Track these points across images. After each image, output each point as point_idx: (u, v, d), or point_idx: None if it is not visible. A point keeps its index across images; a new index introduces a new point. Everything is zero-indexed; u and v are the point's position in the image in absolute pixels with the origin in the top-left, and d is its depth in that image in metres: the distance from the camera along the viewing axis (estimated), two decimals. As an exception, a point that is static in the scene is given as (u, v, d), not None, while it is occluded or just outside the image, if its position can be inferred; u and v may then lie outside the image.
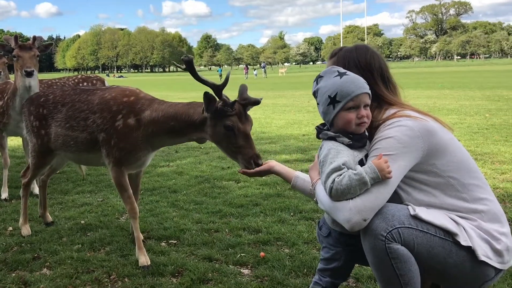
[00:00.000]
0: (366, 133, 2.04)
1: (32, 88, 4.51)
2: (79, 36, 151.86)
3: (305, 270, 2.90)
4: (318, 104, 2.08)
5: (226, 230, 3.69)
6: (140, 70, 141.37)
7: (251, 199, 4.49)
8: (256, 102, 2.72)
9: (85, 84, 6.49)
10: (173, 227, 3.77)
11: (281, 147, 7.45)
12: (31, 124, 3.52)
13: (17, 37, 4.43)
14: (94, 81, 6.56)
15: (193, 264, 3.04)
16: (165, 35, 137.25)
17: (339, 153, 1.95)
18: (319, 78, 2.07)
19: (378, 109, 2.11)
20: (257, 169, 2.55)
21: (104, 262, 3.15)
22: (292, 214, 4.04)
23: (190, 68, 2.75)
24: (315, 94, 2.09)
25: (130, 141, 3.04)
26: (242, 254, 3.20)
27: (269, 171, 2.55)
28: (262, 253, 3.17)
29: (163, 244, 3.47)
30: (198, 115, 2.81)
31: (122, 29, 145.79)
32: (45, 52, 4.66)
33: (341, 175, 1.88)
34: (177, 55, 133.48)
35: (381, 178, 1.85)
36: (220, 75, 58.89)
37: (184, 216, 4.07)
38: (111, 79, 59.71)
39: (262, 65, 71.79)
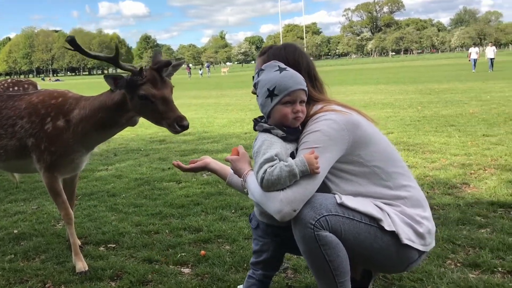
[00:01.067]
0: (300, 127, 2.11)
1: None
2: (9, 38, 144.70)
3: (245, 265, 2.93)
4: (257, 96, 2.14)
5: (167, 231, 3.67)
6: (77, 73, 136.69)
7: (192, 199, 4.48)
8: (168, 63, 2.70)
9: (15, 88, 6.19)
10: (111, 231, 3.70)
11: (223, 146, 7.47)
12: None
13: None
14: (26, 85, 6.27)
15: (132, 267, 3.01)
16: (102, 37, 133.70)
17: (272, 145, 2.01)
18: (260, 71, 2.12)
19: (306, 105, 2.18)
20: (192, 165, 2.55)
21: (39, 270, 3.05)
22: (233, 211, 4.08)
23: (75, 46, 2.71)
24: (255, 86, 2.15)
25: (61, 144, 2.95)
26: (183, 254, 3.19)
27: (205, 168, 2.57)
28: (202, 251, 3.18)
29: (101, 248, 3.40)
30: (118, 95, 2.78)
31: (56, 31, 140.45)
32: None
33: (273, 165, 1.94)
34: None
35: (309, 172, 1.92)
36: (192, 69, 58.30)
37: (123, 219, 4.00)
38: (47, 83, 57.37)
39: (206, 64, 71.65)
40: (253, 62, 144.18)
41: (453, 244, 3.06)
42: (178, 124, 2.63)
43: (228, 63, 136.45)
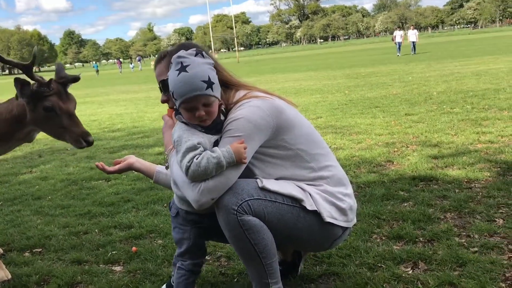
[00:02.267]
0: (222, 118, 2.06)
1: None
2: None
3: (179, 258, 2.91)
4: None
5: (96, 230, 3.56)
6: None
7: (123, 196, 4.37)
8: (75, 79, 2.63)
9: None
10: (37, 235, 3.53)
11: (155, 140, 7.34)
12: None
13: None
14: None
15: (60, 270, 2.89)
16: (22, 33, 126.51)
17: (194, 134, 1.97)
18: (170, 63, 2.02)
19: (228, 91, 2.17)
20: (117, 167, 2.51)
21: (-43, 284, 2.86)
22: (165, 205, 4.02)
23: None
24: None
25: None
26: (114, 252, 3.11)
27: (129, 169, 2.52)
28: (134, 248, 3.12)
29: (26, 254, 3.24)
30: (17, 108, 2.64)
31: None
32: None
33: (199, 154, 1.91)
34: (38, 54, 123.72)
35: (236, 163, 1.92)
36: (97, 71, 56.13)
37: (50, 222, 3.83)
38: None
39: (137, 58, 69.95)
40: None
41: (378, 219, 3.19)
42: (84, 139, 2.58)
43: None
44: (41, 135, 3.01)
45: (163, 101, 2.28)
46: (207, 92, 1.93)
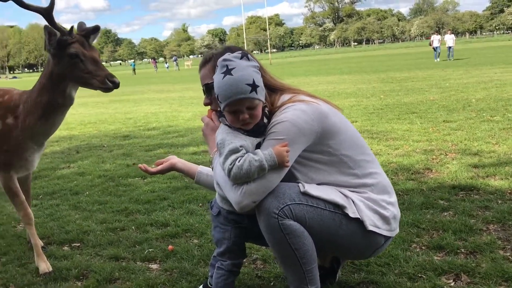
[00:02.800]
0: (265, 121, 2.05)
1: None
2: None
3: (214, 258, 2.91)
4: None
5: (133, 227, 3.60)
6: (35, 70, 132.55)
7: (159, 194, 4.42)
8: (95, 29, 2.75)
9: (-32, 86, 5.97)
10: (75, 229, 3.61)
11: (189, 140, 7.39)
12: None
13: None
14: (-21, 83, 6.06)
15: (98, 265, 2.94)
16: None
17: (236, 137, 1.98)
18: (216, 66, 2.04)
19: (273, 94, 2.16)
20: (159, 168, 2.53)
21: (0, 273, 2.94)
22: (200, 204, 4.04)
23: None
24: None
25: (13, 142, 2.88)
26: (150, 250, 3.14)
27: (171, 169, 2.54)
28: (170, 246, 3.14)
29: (65, 248, 3.31)
30: (48, 66, 2.78)
31: (11, 26, 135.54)
32: None
33: (241, 157, 1.91)
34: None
35: (278, 165, 1.91)
36: (134, 69, 57.17)
37: (88, 217, 3.91)
38: (3, 81, 55.35)
39: (173, 58, 71.14)
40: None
41: (417, 228, 3.12)
42: (109, 79, 2.66)
43: (191, 56, 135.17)
44: (78, 131, 3.08)
45: (205, 104, 2.30)
46: (251, 95, 1.93)
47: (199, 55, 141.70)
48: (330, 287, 2.44)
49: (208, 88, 2.22)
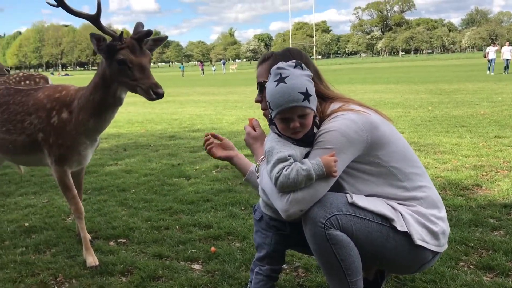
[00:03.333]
0: (315, 131, 2.04)
1: None
2: (20, 33, 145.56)
3: (256, 263, 2.92)
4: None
5: (177, 227, 3.67)
6: (86, 68, 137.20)
7: (202, 195, 4.48)
8: (148, 33, 2.73)
9: (27, 82, 6.21)
10: (121, 226, 3.70)
11: (233, 143, 7.43)
12: None
13: None
14: (37, 79, 6.29)
15: (143, 262, 3.00)
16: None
17: (285, 146, 1.99)
18: (270, 74, 2.05)
19: (323, 103, 2.15)
20: (222, 154, 2.54)
21: (50, 264, 3.05)
22: (243, 208, 4.06)
23: (58, 1, 2.72)
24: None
25: (67, 136, 2.98)
26: (193, 250, 3.19)
27: (228, 160, 2.55)
28: (213, 248, 3.18)
29: (111, 243, 3.40)
30: (101, 68, 2.82)
31: (66, 26, 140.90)
32: None
33: (289, 166, 1.91)
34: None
35: (326, 175, 1.90)
36: (183, 71, 58.41)
37: (133, 214, 4.01)
38: (56, 78, 57.58)
39: (222, 61, 72.66)
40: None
41: (466, 246, 3.02)
42: (153, 91, 2.67)
43: (237, 60, 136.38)
44: (126, 130, 3.16)
45: (257, 101, 2.31)
46: (304, 104, 1.94)
47: (245, 59, 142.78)
48: (373, 301, 2.40)
49: (261, 87, 2.24)
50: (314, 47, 75.96)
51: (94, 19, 2.74)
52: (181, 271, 2.88)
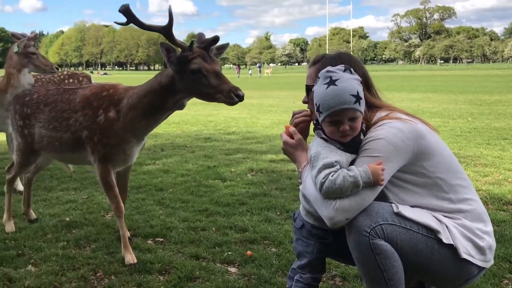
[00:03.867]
0: (362, 137, 2.03)
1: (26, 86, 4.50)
2: (62, 32, 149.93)
3: (292, 269, 2.91)
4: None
5: (213, 228, 3.69)
6: (124, 68, 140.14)
7: (238, 198, 4.50)
8: (215, 40, 2.70)
9: (70, 80, 6.40)
10: (159, 225, 3.76)
11: (268, 147, 7.46)
12: (16, 122, 3.47)
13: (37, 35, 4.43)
14: (80, 78, 6.48)
15: (180, 262, 3.04)
16: (150, 33, 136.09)
17: (332, 151, 1.97)
18: (318, 78, 2.04)
19: (369, 111, 2.13)
20: (288, 139, 2.22)
21: (90, 259, 3.13)
22: (278, 213, 4.06)
23: (129, 17, 2.68)
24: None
25: (113, 135, 2.99)
26: (229, 253, 3.20)
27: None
28: (249, 252, 3.18)
29: (149, 242, 3.46)
30: (166, 78, 2.79)
31: (107, 26, 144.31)
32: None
33: (335, 171, 1.90)
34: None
35: (373, 183, 1.88)
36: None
37: (171, 214, 4.06)
38: (95, 76, 58.98)
39: (257, 65, 73.28)
40: (296, 64, 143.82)
41: (510, 263, 2.93)
42: (234, 93, 2.63)
43: (271, 64, 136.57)
44: (163, 130, 3.19)
45: (304, 102, 2.31)
46: (355, 107, 1.94)
47: (279, 64, 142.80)
48: (413, 314, 2.35)
49: (308, 89, 2.23)
50: (351, 52, 75.04)
51: (166, 30, 2.71)
52: (217, 273, 2.90)
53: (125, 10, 2.65)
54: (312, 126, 2.18)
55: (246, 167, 5.92)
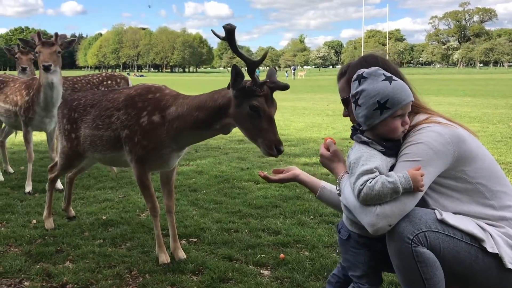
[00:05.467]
0: (402, 141, 2.02)
1: (55, 84, 4.62)
2: (101, 34, 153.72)
3: (326, 274, 2.88)
4: (358, 106, 2.02)
5: (246, 230, 3.70)
6: (160, 70, 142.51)
7: (271, 201, 4.49)
8: (285, 87, 2.63)
9: (109, 82, 6.55)
10: (193, 225, 3.79)
11: (301, 150, 7.43)
12: (63, 127, 3.54)
13: (40, 33, 4.54)
14: (118, 80, 6.62)
15: (213, 263, 3.05)
16: (186, 36, 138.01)
17: (372, 157, 1.95)
18: (362, 79, 2.01)
19: (408, 114, 2.09)
20: (281, 176, 2.53)
21: (126, 257, 3.18)
22: (312, 217, 4.03)
23: (230, 37, 2.63)
24: (357, 95, 2.02)
25: (154, 139, 2.96)
26: (262, 255, 3.20)
27: (293, 180, 2.53)
28: (282, 255, 3.17)
29: (183, 242, 3.49)
30: (222, 98, 2.73)
31: (143, 29, 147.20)
32: (68, 49, 4.75)
33: (373, 178, 1.87)
34: (197, 56, 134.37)
35: (413, 189, 1.85)
36: (258, 76, 59.37)
37: (204, 215, 4.09)
38: (132, 78, 60.08)
39: (292, 67, 73.38)
40: (330, 66, 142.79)
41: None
42: (276, 147, 2.56)
43: (305, 67, 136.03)
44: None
45: (344, 115, 2.32)
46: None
47: (313, 66, 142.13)
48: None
49: (344, 102, 2.22)
50: (387, 55, 73.81)
51: (253, 65, 2.63)
52: (250, 275, 2.90)
53: (230, 31, 2.60)
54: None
55: (279, 170, 5.90)
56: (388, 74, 1.99)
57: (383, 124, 1.97)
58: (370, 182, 1.86)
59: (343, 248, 2.21)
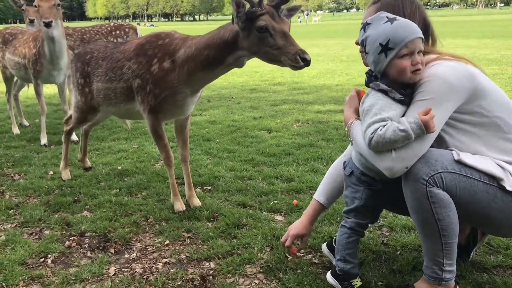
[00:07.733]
0: None
1: (56, 38, 4.55)
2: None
3: (339, 219, 2.91)
4: (367, 53, 1.98)
5: (259, 178, 3.73)
6: (170, 19, 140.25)
7: (284, 149, 4.50)
8: (285, 0, 2.53)
9: (117, 32, 6.46)
10: (207, 174, 3.83)
11: (314, 97, 7.36)
12: (76, 80, 3.50)
13: None
14: (127, 29, 6.51)
15: (227, 210, 3.10)
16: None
17: (386, 107, 1.89)
18: (366, 25, 1.97)
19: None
20: (302, 246, 2.49)
21: (142, 206, 3.24)
22: (324, 164, 4.03)
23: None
24: (363, 43, 1.99)
25: (166, 86, 2.91)
26: (275, 201, 3.23)
27: (310, 231, 2.46)
28: (295, 201, 3.20)
29: (198, 190, 3.53)
30: (230, 32, 2.65)
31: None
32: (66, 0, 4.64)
33: (383, 126, 1.84)
34: (207, 3, 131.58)
35: (425, 134, 1.82)
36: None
37: (218, 163, 4.12)
38: (142, 28, 59.28)
39: (305, 12, 71.51)
40: (345, 11, 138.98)
41: None
42: (300, 57, 2.44)
43: (319, 12, 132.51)
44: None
45: (357, 43, 2.21)
46: (423, 37, 1.90)
47: (327, 11, 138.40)
48: (463, 266, 2.31)
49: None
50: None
51: None
52: (264, 220, 2.94)
53: None
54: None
55: (292, 118, 5.88)
56: (392, 16, 1.90)
57: (391, 66, 1.91)
58: (381, 130, 1.84)
59: (345, 184, 2.23)
